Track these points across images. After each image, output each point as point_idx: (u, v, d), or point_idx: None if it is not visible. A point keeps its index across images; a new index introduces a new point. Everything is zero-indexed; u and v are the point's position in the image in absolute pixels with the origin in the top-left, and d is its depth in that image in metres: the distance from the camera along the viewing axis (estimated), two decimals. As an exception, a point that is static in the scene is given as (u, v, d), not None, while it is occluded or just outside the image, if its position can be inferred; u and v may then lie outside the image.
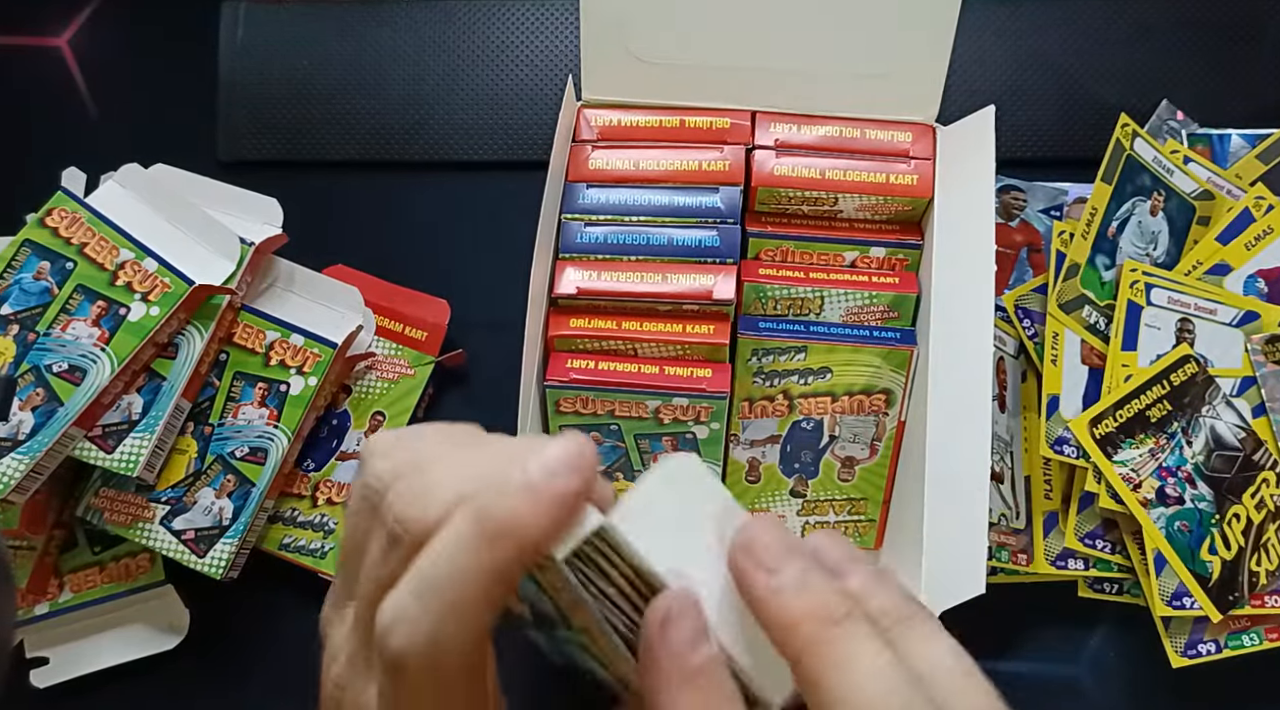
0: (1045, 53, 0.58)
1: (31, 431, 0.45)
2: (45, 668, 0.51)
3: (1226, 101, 0.56)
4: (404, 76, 0.59)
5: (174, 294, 0.48)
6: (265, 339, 0.51)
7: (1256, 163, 0.54)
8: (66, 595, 0.51)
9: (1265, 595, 0.49)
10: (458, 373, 0.56)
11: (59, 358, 0.47)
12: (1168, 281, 0.51)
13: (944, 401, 0.45)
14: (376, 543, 0.23)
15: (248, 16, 0.59)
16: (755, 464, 0.50)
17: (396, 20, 0.59)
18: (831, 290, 0.48)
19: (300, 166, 0.58)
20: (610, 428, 0.48)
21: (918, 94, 0.48)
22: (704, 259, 0.47)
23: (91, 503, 0.49)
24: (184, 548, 0.48)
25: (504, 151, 0.58)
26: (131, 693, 0.52)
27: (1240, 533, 0.49)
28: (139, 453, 0.47)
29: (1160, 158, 0.53)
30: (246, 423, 0.50)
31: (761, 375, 0.48)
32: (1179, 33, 0.57)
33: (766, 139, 0.49)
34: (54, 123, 0.60)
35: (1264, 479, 0.49)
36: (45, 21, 0.61)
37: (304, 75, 0.59)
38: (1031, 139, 0.57)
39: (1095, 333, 0.51)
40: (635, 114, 0.49)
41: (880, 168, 0.48)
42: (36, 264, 0.48)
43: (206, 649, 0.52)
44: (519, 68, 0.59)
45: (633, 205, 0.48)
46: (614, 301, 0.47)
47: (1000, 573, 0.50)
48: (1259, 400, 0.50)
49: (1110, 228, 0.52)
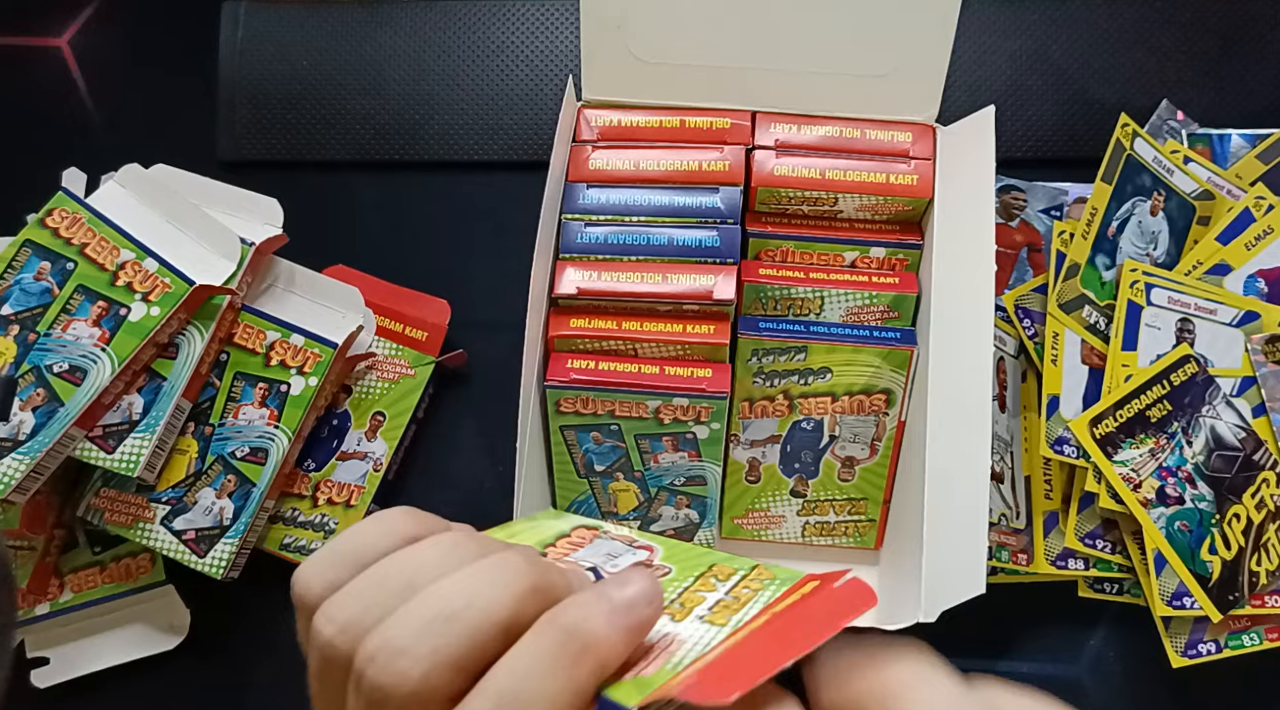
0: (1045, 53, 0.58)
1: (32, 432, 0.45)
2: (45, 668, 0.51)
3: (1226, 101, 0.56)
4: (404, 76, 0.59)
5: (174, 294, 0.48)
6: (266, 339, 0.51)
7: (1256, 163, 0.54)
8: (67, 595, 0.51)
9: (1265, 595, 0.49)
10: (458, 373, 0.56)
11: (59, 358, 0.47)
12: (1168, 281, 0.51)
13: (944, 401, 0.45)
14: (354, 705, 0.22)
15: (248, 16, 0.59)
16: (755, 464, 0.50)
17: (396, 20, 0.59)
18: (831, 290, 0.48)
19: (300, 166, 0.58)
20: (610, 428, 0.48)
21: (918, 94, 0.48)
22: (704, 259, 0.47)
23: (92, 503, 0.49)
24: (184, 548, 0.48)
25: (504, 151, 0.58)
26: (131, 693, 0.52)
27: (1240, 533, 0.49)
28: (139, 453, 0.47)
29: (1160, 158, 0.53)
30: (247, 423, 0.50)
31: (761, 375, 0.48)
32: (1179, 33, 0.57)
33: (766, 139, 0.49)
34: (54, 123, 0.60)
35: (1264, 479, 0.49)
36: (45, 21, 0.61)
37: (304, 75, 0.59)
38: (1031, 139, 0.57)
39: (1095, 333, 0.51)
40: (635, 114, 0.49)
41: (880, 168, 0.48)
42: (37, 264, 0.48)
43: (206, 649, 0.52)
44: (519, 68, 0.59)
45: (633, 205, 0.48)
46: (614, 301, 0.47)
47: (1000, 573, 0.50)
48: (1259, 400, 0.50)
49: (1110, 228, 0.52)
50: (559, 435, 0.48)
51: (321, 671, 0.23)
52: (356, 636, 0.22)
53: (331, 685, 0.23)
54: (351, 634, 0.22)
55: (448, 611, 0.21)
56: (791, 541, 0.53)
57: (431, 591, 0.22)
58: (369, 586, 0.23)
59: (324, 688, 0.23)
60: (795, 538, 0.52)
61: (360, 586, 0.23)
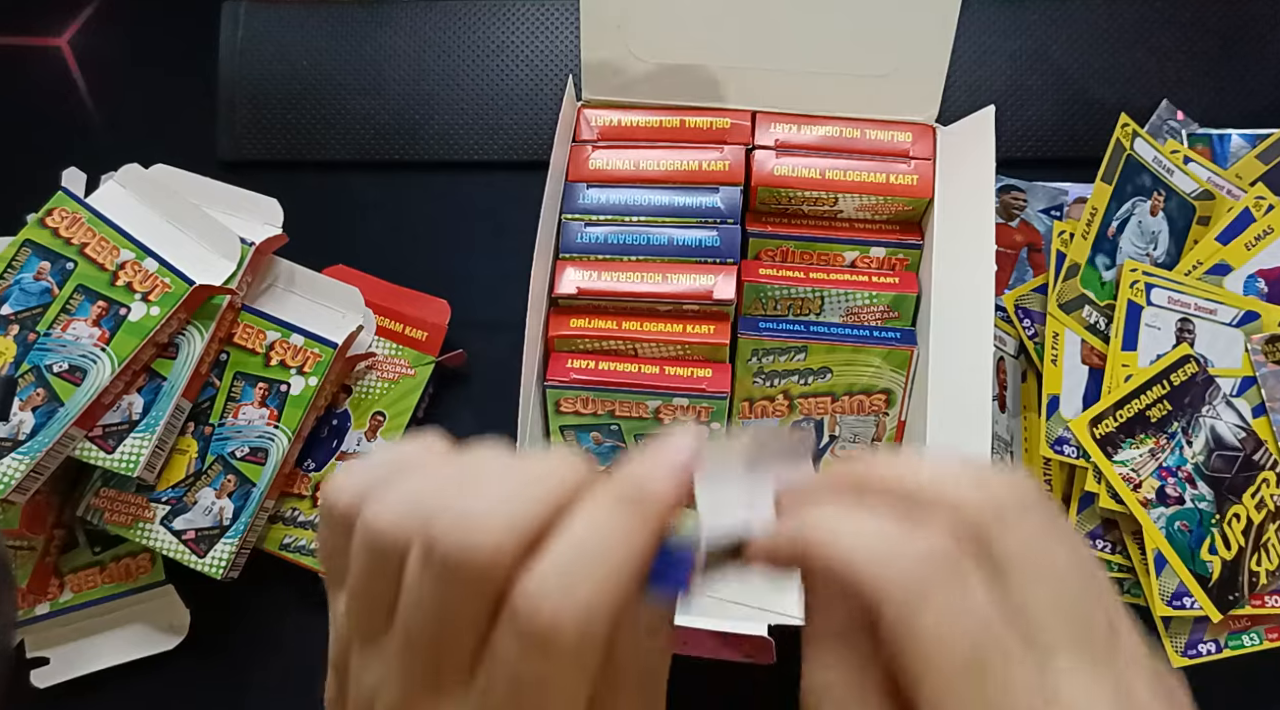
0: (1045, 53, 0.58)
1: (32, 432, 0.45)
2: (45, 668, 0.51)
3: (1227, 101, 0.56)
4: (404, 76, 0.59)
5: (174, 294, 0.48)
6: (266, 339, 0.51)
7: (1256, 163, 0.54)
8: (67, 595, 0.51)
9: (1265, 595, 0.49)
10: (458, 373, 0.56)
11: (59, 358, 0.47)
12: (1168, 281, 0.51)
13: (944, 401, 0.45)
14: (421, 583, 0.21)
15: (248, 16, 0.59)
16: (755, 464, 0.50)
17: (396, 20, 0.59)
18: (831, 290, 0.48)
19: (300, 166, 0.58)
20: (610, 428, 0.48)
21: (918, 94, 0.48)
22: (704, 259, 0.47)
23: (92, 503, 0.49)
24: (184, 548, 0.48)
25: (504, 151, 0.58)
26: (131, 693, 0.52)
27: (1240, 533, 0.49)
28: (139, 453, 0.47)
29: (1160, 158, 0.53)
30: (247, 423, 0.50)
31: (762, 375, 0.48)
32: (1179, 33, 0.57)
33: (766, 139, 0.49)
34: (54, 123, 0.60)
35: (1264, 479, 0.49)
36: (45, 21, 0.61)
37: (304, 75, 0.59)
38: (1031, 139, 0.57)
39: (1095, 333, 0.51)
40: (635, 114, 0.49)
41: (880, 168, 0.48)
42: (37, 264, 0.48)
43: (206, 649, 0.52)
44: (519, 68, 0.59)
45: (633, 205, 0.48)
46: (614, 301, 0.47)
47: (1000, 573, 0.50)
48: (1259, 400, 0.50)
49: (1110, 228, 0.52)
50: (559, 435, 0.48)
51: (370, 568, 0.22)
52: (421, 518, 0.21)
53: (382, 578, 0.22)
54: (415, 517, 0.22)
55: (511, 490, 0.21)
56: (791, 541, 0.52)
57: (491, 473, 0.22)
58: (424, 473, 0.23)
59: (371, 583, 0.22)
60: (795, 538, 0.52)
61: (415, 476, 0.23)
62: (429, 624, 0.21)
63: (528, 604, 0.20)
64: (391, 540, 0.22)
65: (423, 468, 0.23)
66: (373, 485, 0.23)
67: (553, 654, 0.21)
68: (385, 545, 0.22)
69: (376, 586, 0.22)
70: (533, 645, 0.21)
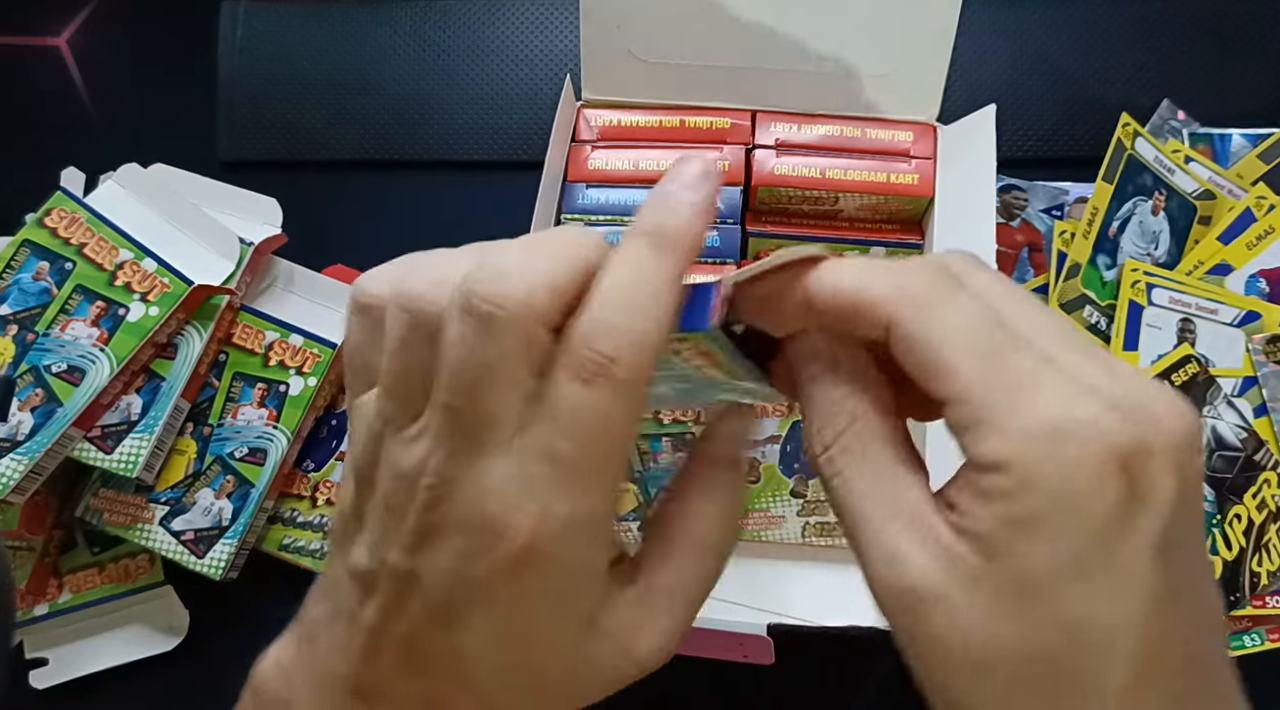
0: (1045, 53, 0.57)
1: (31, 432, 0.45)
2: (45, 668, 0.51)
3: (1228, 101, 0.56)
4: (403, 76, 0.59)
5: (173, 294, 0.48)
6: (265, 339, 0.51)
7: (1258, 162, 0.54)
8: (66, 596, 0.51)
9: (1266, 596, 0.49)
10: (457, 373, 0.56)
11: (58, 358, 0.46)
12: (1169, 281, 0.51)
13: (944, 402, 0.45)
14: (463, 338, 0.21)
15: (247, 16, 0.59)
16: (755, 464, 0.50)
17: (396, 20, 0.59)
18: (832, 290, 0.48)
19: (300, 166, 0.58)
20: (610, 428, 0.48)
21: (918, 93, 0.48)
22: (704, 259, 0.47)
23: (91, 503, 0.49)
24: (183, 548, 0.48)
25: (504, 151, 0.58)
26: (131, 693, 0.52)
27: (1241, 533, 0.49)
28: (138, 453, 0.46)
29: (1161, 157, 0.53)
30: (246, 423, 0.50)
31: (762, 375, 0.48)
32: (1179, 32, 0.57)
33: (767, 139, 0.49)
34: (53, 123, 0.60)
35: (1265, 479, 0.49)
36: (44, 21, 0.61)
37: (304, 75, 0.59)
38: (1032, 138, 0.57)
39: (1096, 333, 0.51)
40: (635, 114, 0.49)
41: (881, 167, 0.48)
42: (36, 264, 0.48)
43: (206, 649, 0.52)
44: (518, 67, 0.58)
45: (633, 206, 0.48)
46: (614, 301, 0.47)
47: (1001, 573, 0.50)
48: (1260, 400, 0.50)
49: (1111, 227, 0.52)
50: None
51: (407, 338, 0.22)
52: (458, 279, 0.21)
53: (421, 348, 0.22)
54: (451, 280, 0.21)
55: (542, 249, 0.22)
56: (792, 542, 0.52)
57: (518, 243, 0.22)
58: (454, 254, 0.23)
59: (410, 355, 0.22)
60: (795, 538, 0.52)
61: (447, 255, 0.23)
62: (472, 380, 0.21)
63: (586, 341, 0.21)
64: (431, 301, 0.22)
65: (452, 253, 0.23)
66: (406, 273, 0.23)
67: (618, 389, 0.21)
68: (424, 308, 0.22)
69: (415, 358, 0.22)
70: (595, 383, 0.21)
